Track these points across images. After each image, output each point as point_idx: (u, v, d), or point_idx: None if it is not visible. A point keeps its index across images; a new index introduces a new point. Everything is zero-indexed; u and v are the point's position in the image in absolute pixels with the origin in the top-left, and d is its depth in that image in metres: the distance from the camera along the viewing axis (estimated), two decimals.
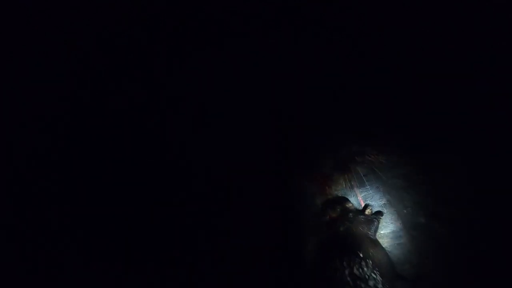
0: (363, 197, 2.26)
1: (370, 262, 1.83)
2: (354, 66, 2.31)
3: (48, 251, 2.01)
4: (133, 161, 2.19)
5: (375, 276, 1.78)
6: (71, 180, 2.14)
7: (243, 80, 2.33)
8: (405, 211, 2.16)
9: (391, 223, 2.15)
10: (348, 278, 1.76)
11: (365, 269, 1.79)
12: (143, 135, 2.24)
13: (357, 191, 2.28)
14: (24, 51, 2.20)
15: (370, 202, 2.22)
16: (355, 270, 1.78)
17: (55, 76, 2.21)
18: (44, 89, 2.21)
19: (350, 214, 2.10)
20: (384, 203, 2.21)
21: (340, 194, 2.28)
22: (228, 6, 2.33)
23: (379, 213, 2.15)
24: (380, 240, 2.07)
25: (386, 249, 2.05)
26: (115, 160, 2.18)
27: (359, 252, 1.86)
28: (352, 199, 2.25)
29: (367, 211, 2.15)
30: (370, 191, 2.26)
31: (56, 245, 2.02)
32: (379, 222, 2.11)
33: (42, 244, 2.02)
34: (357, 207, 2.21)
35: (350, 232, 2.02)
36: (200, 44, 2.33)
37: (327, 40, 2.31)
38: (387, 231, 2.13)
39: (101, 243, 2.05)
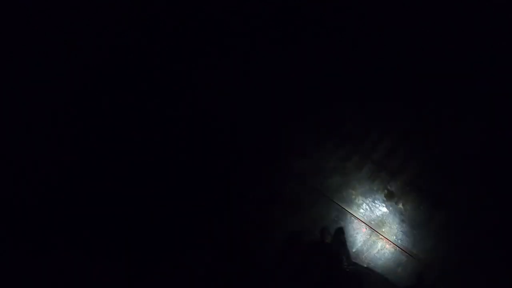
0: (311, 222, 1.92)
1: None
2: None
3: (48, 251, 2.01)
4: (133, 161, 2.19)
5: None
6: (71, 180, 2.15)
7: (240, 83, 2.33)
8: (356, 203, 1.97)
9: (357, 233, 1.88)
10: None
11: None
12: (143, 135, 2.24)
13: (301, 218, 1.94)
14: (24, 51, 2.20)
15: (323, 225, 1.89)
16: None
17: (55, 76, 2.22)
18: (44, 89, 2.21)
19: (314, 257, 1.76)
20: (336, 215, 1.92)
21: (290, 229, 1.91)
22: (228, 6, 2.33)
23: (340, 232, 1.83)
24: (362, 257, 1.81)
25: (378, 262, 1.83)
26: (114, 160, 2.18)
27: None
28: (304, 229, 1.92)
29: (327, 239, 1.79)
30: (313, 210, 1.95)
31: (56, 245, 2.02)
32: (345, 245, 1.78)
33: (42, 244, 2.02)
34: (313, 237, 1.87)
35: (329, 276, 1.70)
36: (200, 44, 2.33)
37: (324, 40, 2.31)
38: (359, 244, 1.85)
39: (102, 243, 2.05)
